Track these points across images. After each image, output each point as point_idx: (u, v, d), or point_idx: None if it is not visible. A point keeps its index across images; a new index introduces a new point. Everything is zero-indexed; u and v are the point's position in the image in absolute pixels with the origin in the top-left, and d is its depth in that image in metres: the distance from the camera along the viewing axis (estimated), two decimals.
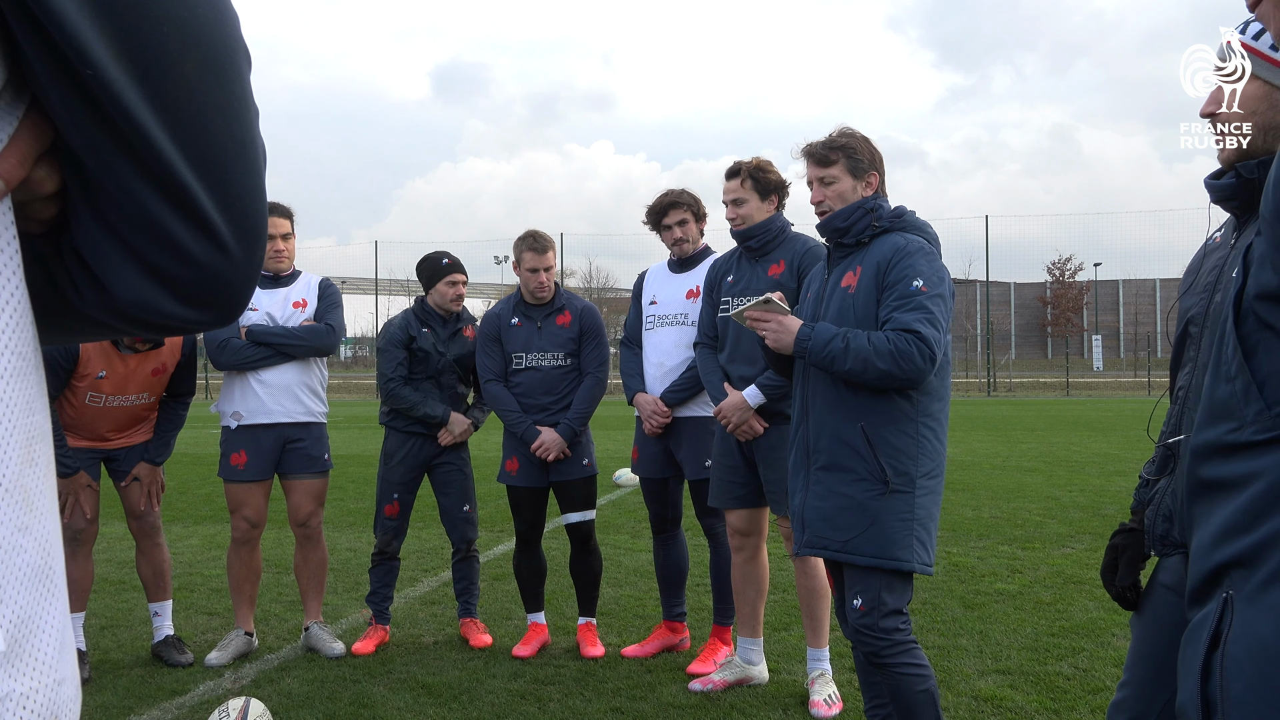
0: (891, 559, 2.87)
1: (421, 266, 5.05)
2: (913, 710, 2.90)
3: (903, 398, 2.94)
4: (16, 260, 0.61)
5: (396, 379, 4.89)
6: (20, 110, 0.61)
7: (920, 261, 2.96)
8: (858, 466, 2.91)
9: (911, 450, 2.93)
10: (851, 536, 2.90)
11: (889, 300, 2.95)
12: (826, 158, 3.14)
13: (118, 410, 4.51)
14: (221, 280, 0.66)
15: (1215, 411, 1.11)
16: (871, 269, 3.01)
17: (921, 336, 2.86)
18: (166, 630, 4.72)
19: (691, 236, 4.59)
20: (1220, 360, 1.11)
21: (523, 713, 3.93)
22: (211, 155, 0.63)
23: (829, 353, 2.89)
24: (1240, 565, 1.04)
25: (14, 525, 0.59)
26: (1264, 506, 1.01)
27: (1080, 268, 57.66)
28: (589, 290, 53.31)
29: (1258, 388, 1.03)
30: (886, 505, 2.89)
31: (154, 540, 4.75)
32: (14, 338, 0.60)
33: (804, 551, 3.05)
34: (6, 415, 0.59)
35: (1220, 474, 1.09)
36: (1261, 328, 1.04)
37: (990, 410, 24.09)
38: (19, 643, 0.59)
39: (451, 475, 4.97)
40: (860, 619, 2.90)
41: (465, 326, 5.03)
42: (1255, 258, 1.06)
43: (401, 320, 5.01)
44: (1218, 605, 1.06)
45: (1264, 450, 1.02)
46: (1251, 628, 1.00)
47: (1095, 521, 8.00)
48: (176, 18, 0.60)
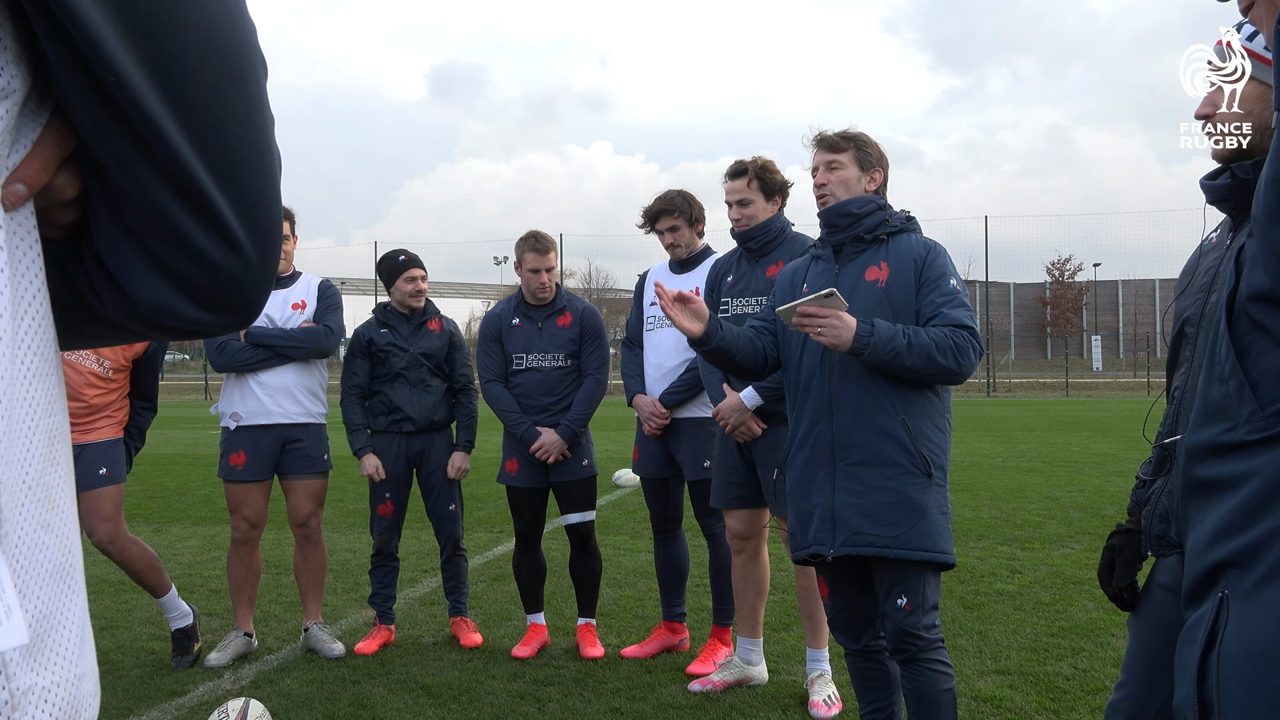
0: (941, 552, 2.87)
1: (381, 266, 5.06)
2: (937, 708, 2.89)
3: (933, 392, 2.97)
4: (39, 264, 0.62)
5: (350, 389, 4.99)
6: (44, 117, 0.62)
7: (949, 263, 3.03)
8: (903, 460, 2.89)
9: (943, 444, 2.97)
10: (902, 531, 2.85)
11: (932, 297, 2.96)
12: (837, 144, 3.18)
13: (68, 373, 4.39)
14: (238, 284, 0.67)
15: (1209, 412, 1.12)
16: (906, 264, 3.01)
17: (974, 333, 2.91)
18: (179, 623, 4.69)
19: (683, 242, 4.60)
20: (1214, 361, 1.11)
21: (522, 713, 3.94)
22: (230, 161, 0.64)
23: (893, 349, 2.83)
24: (1235, 565, 1.04)
25: (37, 522, 0.61)
26: (1258, 505, 1.01)
27: (1080, 268, 57.73)
28: (588, 291, 53.33)
29: (1251, 388, 1.04)
30: (931, 498, 2.89)
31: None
32: (36, 339, 0.61)
33: (843, 551, 2.92)
34: (30, 414, 0.61)
35: (1215, 474, 1.09)
36: (1254, 329, 1.04)
37: (990, 410, 24.09)
38: (41, 638, 0.61)
39: (436, 475, 4.99)
40: (907, 618, 2.87)
41: (430, 320, 5.03)
42: (1248, 259, 1.06)
43: (363, 327, 5.10)
44: (1213, 605, 1.07)
45: (1258, 450, 1.02)
46: (1248, 627, 1.00)
47: (1095, 522, 8.01)
48: (196, 26, 0.61)
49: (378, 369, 4.96)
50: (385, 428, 4.94)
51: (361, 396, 5.00)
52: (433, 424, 4.95)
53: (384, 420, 4.94)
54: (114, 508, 4.49)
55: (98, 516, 4.44)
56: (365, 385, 4.99)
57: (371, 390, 4.99)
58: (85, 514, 4.41)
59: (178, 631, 4.66)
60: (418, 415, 4.90)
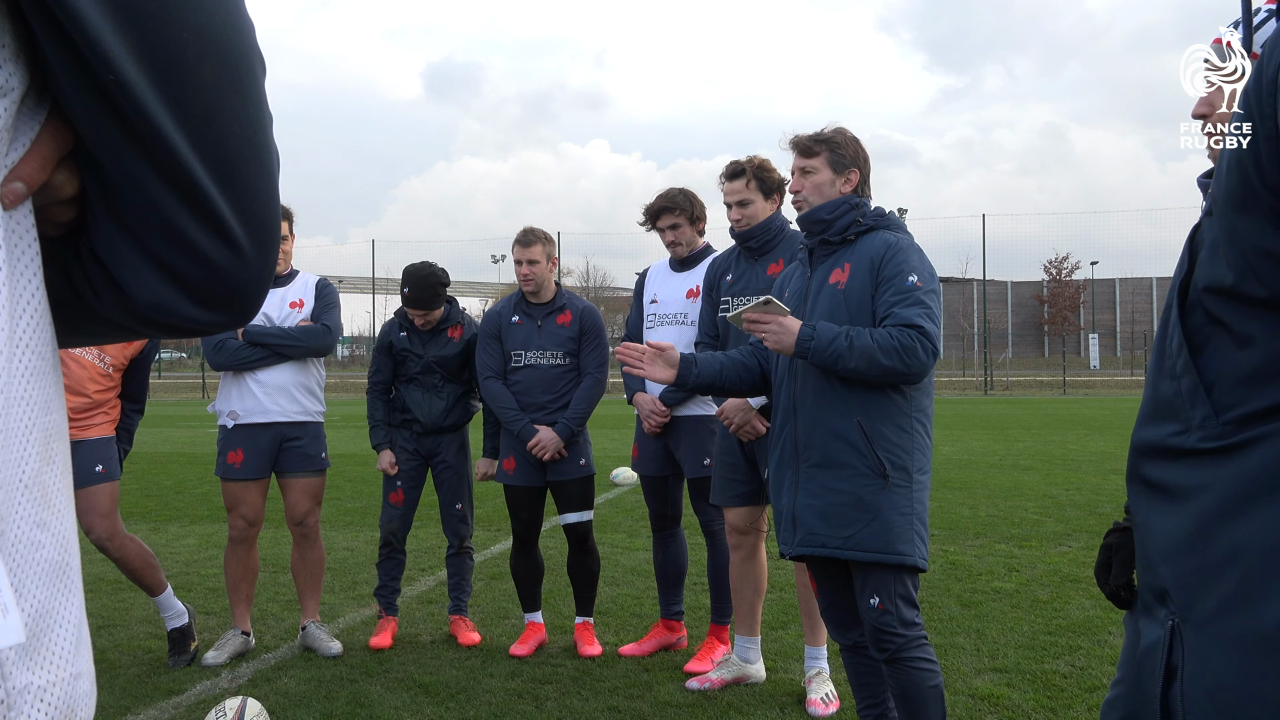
0: (895, 553, 2.87)
1: (404, 281, 5.03)
2: (922, 706, 2.90)
3: (896, 393, 2.95)
4: (37, 262, 0.62)
5: (374, 385, 5.15)
6: (42, 115, 0.62)
7: (913, 257, 2.99)
8: (855, 461, 2.91)
9: (906, 444, 2.94)
10: (853, 532, 2.89)
11: (886, 295, 2.95)
12: (810, 149, 3.17)
13: (73, 367, 4.40)
14: (236, 282, 0.67)
15: (1159, 408, 1.05)
16: (864, 265, 3.01)
17: (924, 331, 2.88)
18: (175, 622, 4.69)
19: (684, 240, 4.60)
20: (1164, 353, 1.05)
21: (520, 711, 3.94)
22: (228, 160, 0.64)
23: (833, 351, 2.86)
24: (1184, 589, 0.99)
25: (33, 521, 0.61)
26: (1210, 525, 0.96)
27: (1077, 266, 57.81)
28: (586, 289, 53.35)
29: (1205, 390, 0.98)
30: (887, 499, 2.89)
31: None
32: (34, 337, 0.61)
33: (799, 551, 3.00)
34: (26, 413, 0.61)
35: (1163, 478, 1.04)
36: (1211, 323, 0.98)
37: (987, 409, 24.11)
38: (37, 636, 0.61)
39: (445, 473, 5.04)
40: (880, 617, 2.89)
41: (451, 326, 5.06)
42: (1205, 244, 1.00)
43: (388, 325, 5.19)
44: (1165, 634, 1.03)
45: (1210, 460, 0.97)
46: (1208, 666, 0.96)
47: (1092, 520, 8.02)
48: (194, 24, 0.61)
49: (398, 368, 5.07)
50: (399, 424, 5.08)
51: (384, 392, 5.12)
52: (441, 428, 5.00)
53: (399, 417, 5.08)
54: (110, 505, 4.49)
55: (95, 514, 4.44)
56: (388, 382, 5.12)
57: (394, 387, 5.12)
58: (83, 511, 4.42)
59: (174, 631, 4.65)
60: (426, 419, 4.97)
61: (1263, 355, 0.95)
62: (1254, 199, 0.94)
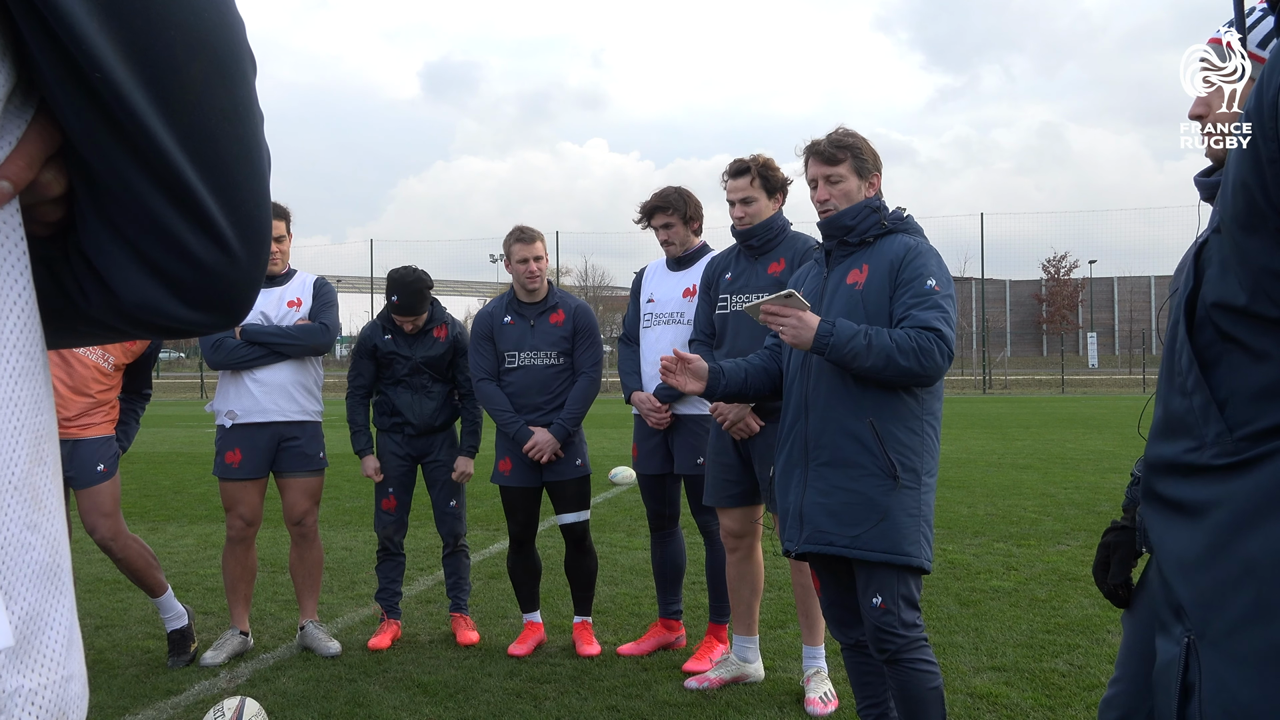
0: (902, 554, 2.88)
1: (390, 289, 5.00)
2: (922, 707, 2.90)
3: (909, 395, 2.96)
4: (25, 262, 0.62)
5: (354, 389, 5.13)
6: (29, 114, 0.61)
7: (931, 262, 3.01)
8: (866, 462, 2.91)
9: (917, 447, 2.95)
10: (861, 531, 2.89)
11: (904, 298, 2.96)
12: (834, 156, 3.14)
13: (77, 367, 4.40)
14: (226, 283, 0.67)
15: (1172, 425, 1.04)
16: (883, 267, 3.02)
17: (942, 335, 2.89)
18: (175, 624, 4.68)
19: (678, 239, 4.59)
20: (1174, 370, 1.04)
21: (518, 711, 3.94)
22: (217, 159, 0.64)
23: (852, 349, 2.85)
24: (1200, 605, 0.99)
25: (23, 523, 0.60)
26: (1225, 539, 0.96)
27: (1075, 265, 57.85)
28: (584, 288, 53.33)
29: (1218, 407, 0.97)
30: (896, 500, 2.89)
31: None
32: (22, 338, 0.61)
33: (805, 549, 3.00)
34: (15, 414, 0.60)
35: (1178, 494, 1.03)
36: (1222, 339, 0.97)
37: (985, 408, 24.12)
38: (28, 639, 0.60)
39: (439, 472, 5.04)
40: (881, 617, 2.90)
41: (435, 327, 5.04)
42: (1214, 262, 0.99)
43: (368, 329, 5.12)
44: (1181, 651, 1.02)
45: (1225, 476, 0.96)
46: (1225, 685, 0.95)
47: (1090, 519, 8.03)
48: (183, 22, 0.61)
49: (382, 372, 5.04)
50: (388, 428, 5.03)
51: (365, 397, 5.11)
52: (433, 428, 5.00)
53: (387, 421, 5.03)
54: (113, 504, 4.49)
55: (99, 513, 4.43)
56: (370, 386, 5.10)
57: (377, 390, 5.08)
58: (86, 511, 4.42)
59: (174, 633, 4.65)
60: (418, 420, 4.96)
61: (1277, 371, 0.95)
62: (1261, 220, 0.94)
